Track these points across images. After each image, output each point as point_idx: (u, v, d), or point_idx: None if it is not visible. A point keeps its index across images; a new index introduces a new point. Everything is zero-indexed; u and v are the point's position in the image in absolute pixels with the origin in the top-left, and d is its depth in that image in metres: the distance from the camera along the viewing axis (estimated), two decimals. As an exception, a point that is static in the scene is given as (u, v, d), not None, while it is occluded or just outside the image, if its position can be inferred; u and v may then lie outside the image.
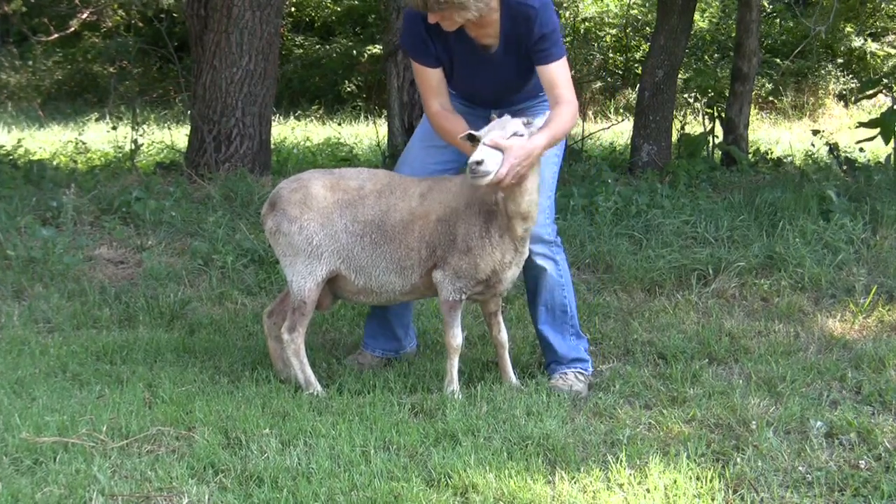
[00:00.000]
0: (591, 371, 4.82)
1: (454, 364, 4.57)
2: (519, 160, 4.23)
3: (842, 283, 6.18)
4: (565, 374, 4.74)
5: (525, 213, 4.40)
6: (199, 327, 5.47)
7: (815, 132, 10.96)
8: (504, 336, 4.72)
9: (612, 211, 7.59)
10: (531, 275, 4.78)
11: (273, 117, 11.08)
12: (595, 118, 17.78)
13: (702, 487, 3.52)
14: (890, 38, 20.26)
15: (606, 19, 20.29)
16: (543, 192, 4.60)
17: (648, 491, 3.50)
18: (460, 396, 4.46)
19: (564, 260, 4.84)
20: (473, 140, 4.28)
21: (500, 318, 4.74)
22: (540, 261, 4.73)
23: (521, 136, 4.31)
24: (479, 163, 4.18)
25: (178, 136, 13.16)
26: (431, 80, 4.67)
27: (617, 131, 14.82)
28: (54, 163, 11.05)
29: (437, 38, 4.54)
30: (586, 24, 20.09)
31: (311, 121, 18.48)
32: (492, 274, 4.50)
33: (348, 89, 20.20)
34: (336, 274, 4.61)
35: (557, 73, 4.49)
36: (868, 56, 19.85)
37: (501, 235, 4.45)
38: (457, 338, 4.55)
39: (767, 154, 11.49)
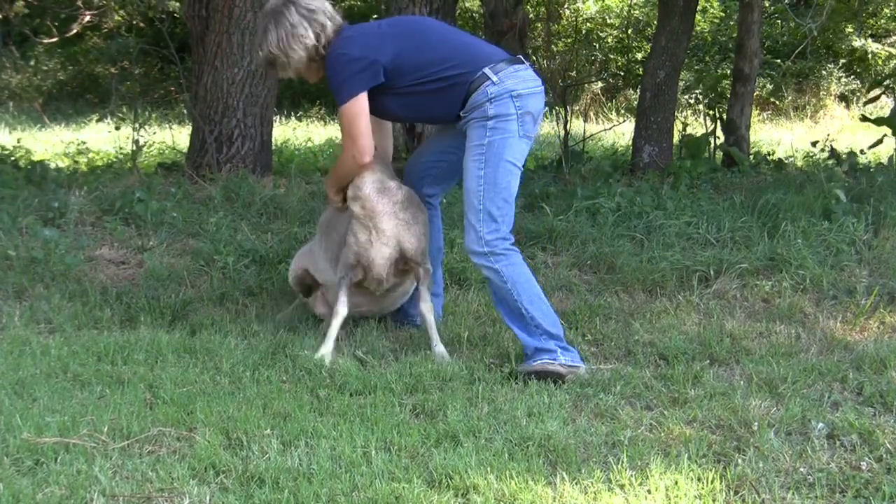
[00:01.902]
0: (570, 363, 4.82)
1: (334, 328, 5.06)
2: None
3: (843, 285, 6.18)
4: (535, 359, 4.84)
5: (352, 196, 5.06)
6: (200, 328, 5.46)
7: (814, 143, 10.95)
8: (422, 307, 5.14)
9: (613, 212, 7.59)
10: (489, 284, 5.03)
11: (274, 118, 11.08)
12: (596, 119, 17.79)
13: (703, 488, 3.52)
14: (892, 38, 20.26)
15: (608, 20, 20.31)
16: (472, 205, 4.88)
17: (649, 492, 3.50)
18: (327, 363, 4.89)
19: (510, 266, 4.86)
20: None
21: (421, 292, 5.17)
22: (483, 271, 4.95)
23: None
24: None
25: (180, 136, 13.16)
26: None
27: (618, 132, 14.83)
28: (56, 163, 11.06)
29: None
30: (588, 24, 20.10)
31: (313, 121, 18.49)
32: (359, 256, 5.07)
33: (350, 90, 20.17)
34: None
35: (340, 122, 4.98)
36: (869, 57, 19.86)
37: (353, 217, 5.09)
38: (342, 304, 5.07)
39: (769, 155, 11.49)
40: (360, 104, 4.79)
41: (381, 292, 5.26)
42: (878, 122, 10.32)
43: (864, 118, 10.76)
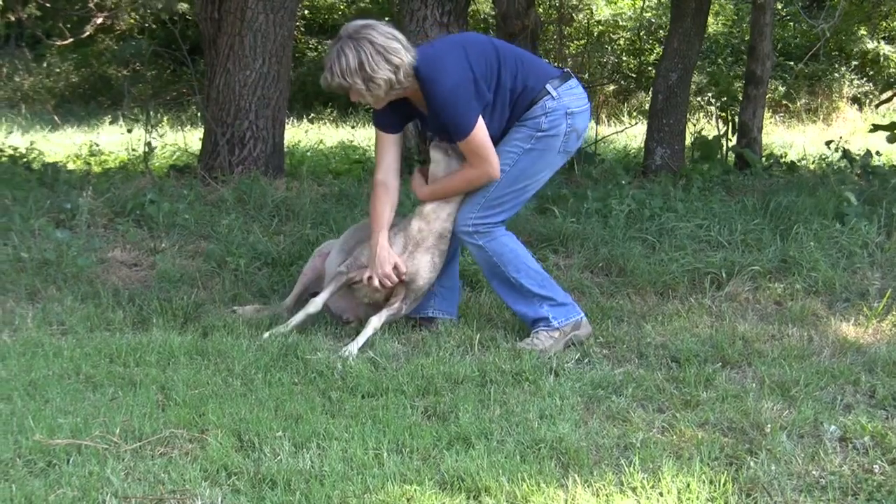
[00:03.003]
0: (565, 322, 5.28)
1: (299, 317, 5.37)
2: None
3: (856, 287, 6.16)
4: (537, 333, 5.27)
5: (424, 214, 5.28)
6: (212, 330, 5.46)
7: (828, 143, 10.92)
8: (374, 320, 5.29)
9: (625, 214, 7.57)
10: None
11: (286, 120, 11.09)
12: (608, 121, 17.77)
13: (715, 491, 3.52)
14: (904, 41, 20.21)
15: (620, 22, 20.28)
16: (481, 189, 5.18)
17: (661, 494, 3.49)
18: (267, 335, 5.23)
19: (493, 242, 5.26)
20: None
21: (385, 310, 5.36)
22: (469, 248, 5.37)
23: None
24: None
25: (192, 138, 13.18)
26: (382, 145, 5.30)
27: (630, 134, 14.82)
28: (68, 165, 11.07)
29: (396, 104, 5.15)
30: (600, 26, 20.08)
31: (325, 124, 18.50)
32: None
33: (361, 92, 20.15)
34: None
35: (465, 150, 5.09)
36: (882, 59, 19.81)
37: (403, 230, 5.32)
38: (321, 300, 5.38)
39: (781, 157, 11.46)
40: (482, 128, 5.00)
41: (367, 300, 5.46)
42: (891, 127, 10.28)
43: (875, 127, 10.71)
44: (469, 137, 4.98)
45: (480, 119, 4.99)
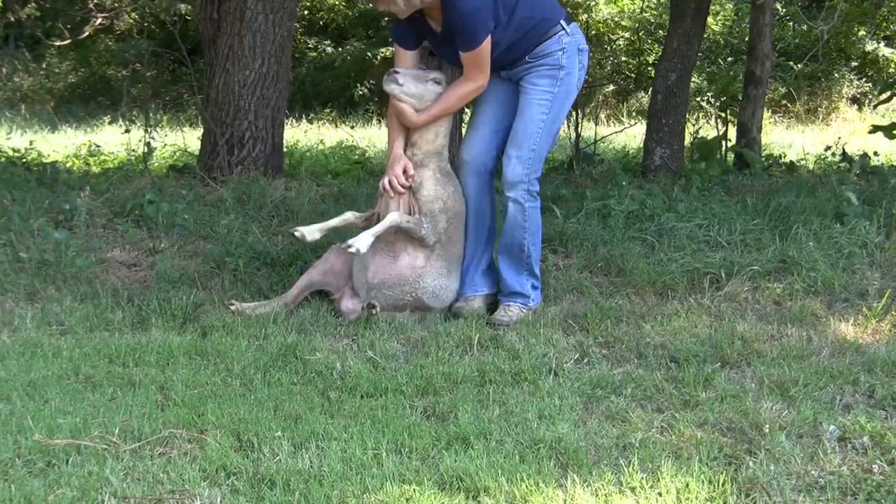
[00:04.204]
0: (535, 304, 5.75)
1: (334, 222, 5.73)
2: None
3: (855, 287, 6.16)
4: (509, 306, 5.62)
5: (412, 142, 5.56)
6: (211, 330, 5.47)
7: (827, 148, 10.90)
8: (394, 214, 5.47)
9: (624, 214, 7.57)
10: (503, 213, 5.62)
11: (286, 120, 11.08)
12: (608, 121, 17.77)
13: (714, 491, 3.52)
14: (904, 42, 20.21)
15: (620, 22, 20.28)
16: (526, 143, 5.44)
17: (660, 494, 3.50)
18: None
19: (534, 209, 5.60)
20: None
21: (407, 215, 5.52)
22: (508, 202, 5.53)
23: (439, 83, 5.49)
24: (397, 72, 5.42)
25: (191, 138, 13.18)
26: (401, 61, 5.55)
27: (630, 134, 14.81)
28: (67, 165, 11.07)
29: (414, 22, 5.40)
30: (600, 27, 20.08)
31: (324, 124, 18.49)
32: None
33: (360, 92, 20.23)
34: None
35: (466, 61, 5.33)
36: (881, 60, 19.82)
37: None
38: (351, 214, 5.81)
39: (780, 158, 11.45)
40: (488, 42, 5.26)
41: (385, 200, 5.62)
42: (891, 128, 10.28)
43: (874, 128, 10.70)
44: (478, 49, 5.23)
45: (489, 37, 5.24)
